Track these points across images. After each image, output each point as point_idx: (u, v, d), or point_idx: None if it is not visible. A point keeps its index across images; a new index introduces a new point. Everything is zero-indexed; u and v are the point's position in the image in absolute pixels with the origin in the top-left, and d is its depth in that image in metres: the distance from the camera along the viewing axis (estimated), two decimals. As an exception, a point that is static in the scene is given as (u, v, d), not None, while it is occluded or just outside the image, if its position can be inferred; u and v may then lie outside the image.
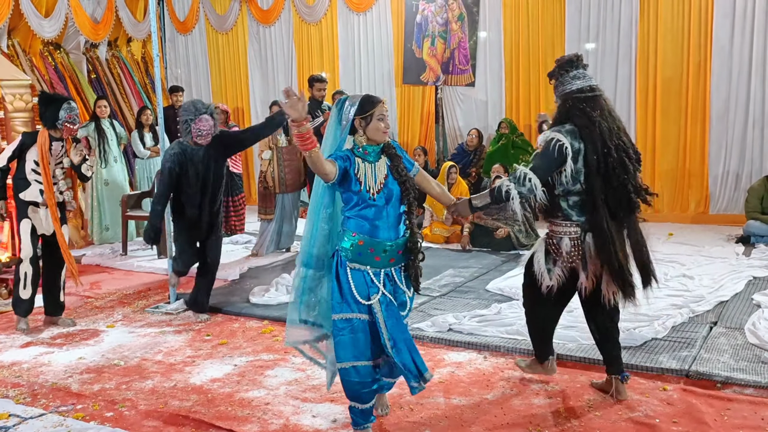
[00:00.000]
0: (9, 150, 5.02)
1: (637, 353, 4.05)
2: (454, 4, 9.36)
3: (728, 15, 7.92)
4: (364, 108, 3.05)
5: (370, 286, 3.06)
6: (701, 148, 8.25)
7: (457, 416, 3.42)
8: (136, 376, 4.10)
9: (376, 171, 3.09)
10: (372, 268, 3.07)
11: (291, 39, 10.54)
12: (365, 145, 3.09)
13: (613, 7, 8.48)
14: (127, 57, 10.72)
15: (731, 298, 5.11)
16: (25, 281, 4.95)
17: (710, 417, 3.28)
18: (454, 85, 9.55)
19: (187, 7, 11.18)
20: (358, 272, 3.06)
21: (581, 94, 3.36)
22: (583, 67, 3.44)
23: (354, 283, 3.05)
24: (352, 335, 3.06)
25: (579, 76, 3.40)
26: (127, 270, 6.94)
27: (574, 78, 3.40)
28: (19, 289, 4.97)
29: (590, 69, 9.31)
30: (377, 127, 3.06)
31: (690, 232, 7.62)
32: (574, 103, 3.36)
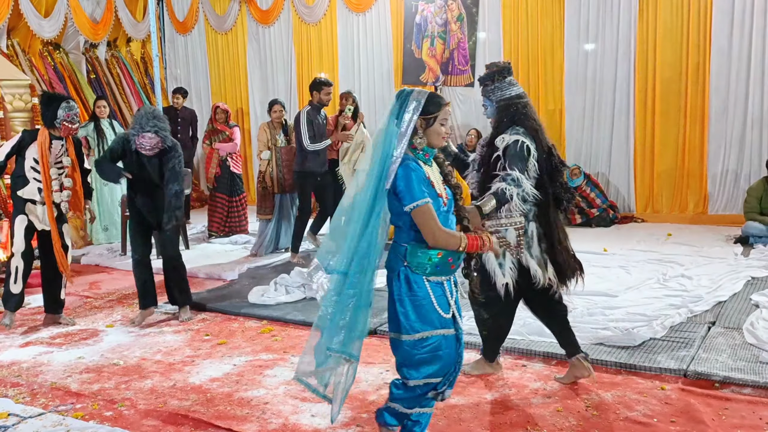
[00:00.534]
0: (8, 146, 5.02)
1: (636, 353, 4.05)
2: (453, 5, 9.37)
3: (727, 15, 7.93)
4: (429, 109, 2.78)
5: (446, 297, 2.84)
6: (700, 148, 8.26)
7: (455, 416, 3.43)
8: (136, 375, 4.11)
9: (437, 176, 2.87)
10: (446, 277, 2.84)
11: (290, 39, 10.55)
12: (425, 148, 2.83)
13: (612, 7, 8.49)
14: (127, 57, 10.75)
15: (729, 298, 5.12)
16: (16, 275, 4.99)
17: (708, 416, 3.29)
18: (453, 85, 9.56)
19: (187, 7, 11.19)
20: (437, 285, 2.81)
21: (521, 100, 3.65)
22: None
23: (435, 297, 2.79)
24: (431, 354, 2.79)
25: (514, 82, 3.70)
26: (127, 270, 6.89)
27: (511, 84, 3.69)
28: (9, 283, 5.01)
29: (590, 70, 9.38)
30: (438, 132, 2.80)
31: (689, 233, 7.62)
32: (518, 108, 3.62)
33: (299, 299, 5.50)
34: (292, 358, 4.28)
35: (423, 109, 2.76)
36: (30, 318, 5.36)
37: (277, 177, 7.10)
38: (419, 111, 2.76)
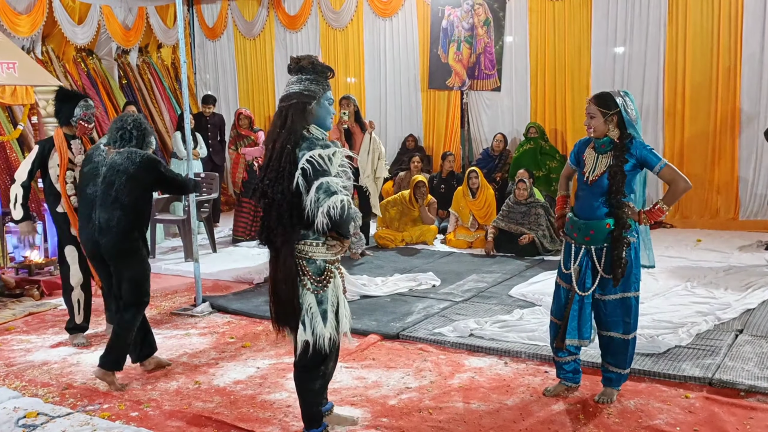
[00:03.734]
0: (28, 163, 4.69)
1: (660, 360, 4.01)
2: (480, 9, 9.36)
3: (759, 18, 7.80)
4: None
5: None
6: (731, 153, 8.13)
7: (475, 421, 3.43)
8: (162, 376, 4.18)
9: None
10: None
11: (317, 44, 10.63)
12: None
13: (641, 11, 8.41)
14: (158, 63, 10.93)
15: (758, 305, 5.03)
16: (79, 308, 4.84)
17: (732, 426, 3.25)
18: (479, 90, 9.55)
19: (216, 13, 11.36)
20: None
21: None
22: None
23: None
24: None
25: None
26: (155, 273, 6.95)
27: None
28: (74, 316, 4.84)
29: (617, 73, 9.29)
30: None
31: (719, 239, 7.51)
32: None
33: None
34: (314, 361, 4.32)
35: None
36: (61, 319, 5.47)
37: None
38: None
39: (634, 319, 3.55)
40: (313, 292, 2.97)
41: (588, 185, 3.52)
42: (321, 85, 3.01)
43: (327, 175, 2.85)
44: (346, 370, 4.14)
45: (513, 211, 7.32)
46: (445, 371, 4.09)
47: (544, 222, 7.18)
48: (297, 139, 2.89)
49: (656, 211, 3.43)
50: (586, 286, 3.51)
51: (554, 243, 7.15)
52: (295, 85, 3.00)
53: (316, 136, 2.95)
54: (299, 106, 2.95)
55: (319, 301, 2.98)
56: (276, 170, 2.88)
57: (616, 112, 3.43)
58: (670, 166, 3.41)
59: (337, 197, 2.82)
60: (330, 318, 2.99)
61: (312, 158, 2.83)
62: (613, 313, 3.53)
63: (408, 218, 7.97)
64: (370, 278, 6.09)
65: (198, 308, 5.53)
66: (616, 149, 3.45)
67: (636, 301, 3.53)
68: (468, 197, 7.76)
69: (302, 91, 2.97)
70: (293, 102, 2.96)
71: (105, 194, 3.98)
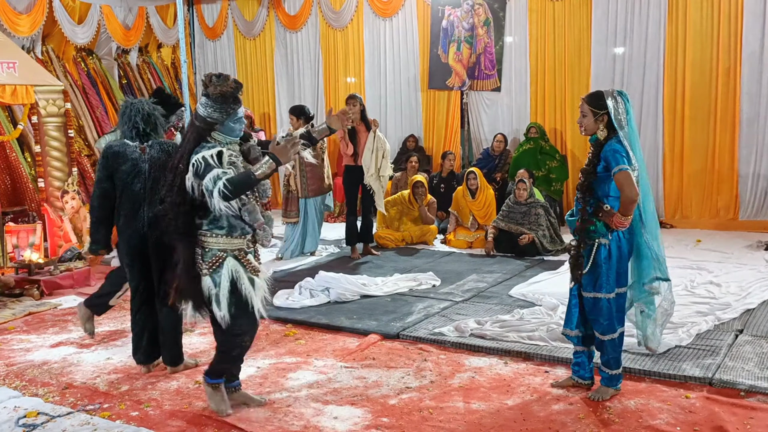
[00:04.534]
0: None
1: (660, 360, 4.01)
2: (480, 9, 9.36)
3: (759, 17, 7.80)
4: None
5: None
6: (731, 153, 8.13)
7: (476, 421, 3.43)
8: (162, 376, 4.18)
9: None
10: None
11: (318, 44, 10.63)
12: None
13: (640, 10, 8.41)
14: (158, 62, 10.94)
15: (759, 305, 5.04)
16: (122, 295, 4.81)
17: (733, 426, 3.25)
18: (479, 90, 9.55)
19: (216, 13, 11.36)
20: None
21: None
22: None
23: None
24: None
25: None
26: (155, 272, 7.05)
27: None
28: (112, 294, 4.78)
29: (617, 73, 9.31)
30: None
31: (719, 239, 7.52)
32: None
33: (324, 303, 5.54)
34: (315, 361, 4.32)
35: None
36: (61, 318, 5.48)
37: (300, 182, 7.18)
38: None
39: (608, 321, 3.53)
40: (209, 276, 3.31)
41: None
42: (226, 112, 3.27)
43: (207, 169, 3.17)
44: (347, 370, 4.14)
45: (513, 211, 7.33)
46: (446, 371, 4.09)
47: (544, 222, 7.18)
48: (188, 157, 3.25)
49: (615, 217, 3.42)
50: (573, 278, 3.62)
51: (554, 243, 7.15)
52: (202, 108, 3.28)
53: (217, 141, 3.30)
54: (200, 129, 3.29)
55: (215, 283, 3.30)
56: (170, 182, 3.30)
57: (606, 112, 3.44)
58: (624, 173, 3.34)
59: (219, 183, 3.12)
60: (223, 300, 3.29)
61: (196, 161, 3.18)
62: (590, 312, 3.60)
63: (408, 218, 7.98)
64: (370, 278, 6.09)
65: (198, 308, 5.51)
66: (595, 148, 3.49)
67: (608, 303, 3.52)
68: (467, 197, 7.77)
69: (206, 117, 3.27)
70: (197, 125, 3.29)
71: (153, 190, 4.03)
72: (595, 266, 3.48)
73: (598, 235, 3.46)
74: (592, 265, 3.48)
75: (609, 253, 3.49)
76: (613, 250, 3.49)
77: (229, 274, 3.30)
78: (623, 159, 3.38)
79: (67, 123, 7.45)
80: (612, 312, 3.55)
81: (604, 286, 3.50)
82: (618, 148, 3.40)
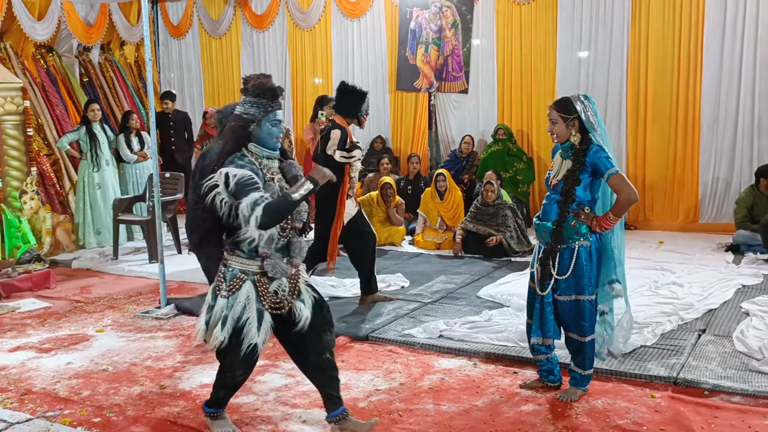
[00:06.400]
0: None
1: (626, 360, 4.06)
2: (447, 12, 9.40)
3: (719, 25, 7.98)
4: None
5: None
6: (691, 156, 8.30)
7: (446, 422, 3.42)
8: (125, 381, 4.08)
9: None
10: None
11: (285, 44, 10.55)
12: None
13: (605, 15, 8.53)
14: (120, 60, 10.72)
15: (720, 305, 5.14)
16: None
17: (698, 425, 3.30)
18: (447, 91, 9.58)
19: (181, 11, 11.19)
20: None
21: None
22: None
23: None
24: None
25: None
26: (118, 274, 6.93)
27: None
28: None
29: (582, 77, 9.44)
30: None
31: (681, 240, 7.66)
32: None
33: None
34: (283, 364, 4.27)
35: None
36: (20, 322, 5.32)
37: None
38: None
39: (589, 322, 3.57)
40: (224, 297, 3.08)
41: (551, 189, 3.57)
42: (263, 108, 3.07)
43: (238, 193, 2.94)
44: (315, 373, 4.10)
45: (481, 213, 7.36)
46: (415, 373, 4.08)
47: (511, 223, 7.23)
48: (223, 160, 3.03)
49: (605, 219, 3.46)
50: (544, 286, 3.55)
51: (521, 244, 7.21)
52: (239, 106, 3.12)
53: (254, 153, 3.08)
54: (236, 128, 3.07)
55: (228, 306, 3.08)
56: (199, 188, 3.09)
57: (576, 117, 3.47)
58: (618, 175, 3.40)
59: (257, 210, 2.91)
60: (228, 324, 3.07)
61: (228, 176, 2.96)
62: (568, 315, 3.58)
63: (376, 219, 7.95)
64: (338, 279, 6.05)
65: (163, 310, 5.43)
66: (575, 154, 3.48)
67: (590, 304, 3.55)
68: (436, 199, 7.78)
69: (242, 114, 3.07)
70: (231, 124, 3.10)
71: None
72: (578, 269, 3.48)
73: (580, 238, 3.48)
74: (574, 268, 3.48)
75: (590, 255, 3.51)
76: (593, 251, 3.52)
77: (243, 301, 3.07)
78: (611, 162, 3.42)
79: (26, 121, 7.26)
80: (593, 313, 3.58)
81: (586, 287, 3.51)
82: (603, 152, 3.43)
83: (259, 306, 3.08)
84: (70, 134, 8.12)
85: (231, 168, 2.97)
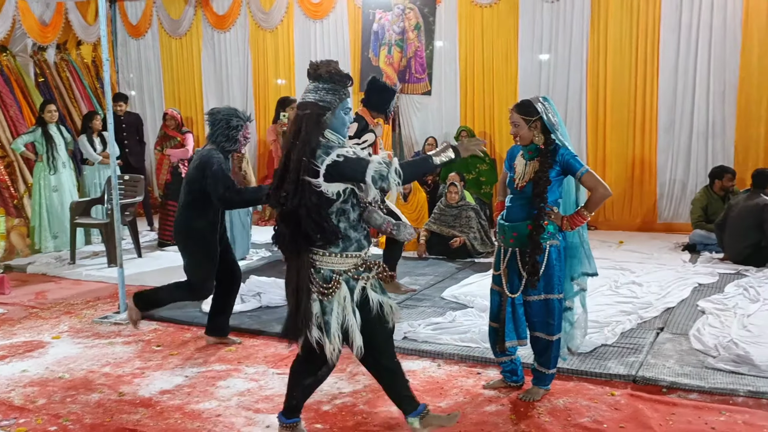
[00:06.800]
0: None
1: (587, 359, 4.12)
2: (410, 14, 9.43)
3: (674, 31, 8.17)
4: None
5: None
6: (649, 159, 8.48)
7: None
8: (82, 388, 3.99)
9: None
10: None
11: (247, 45, 10.45)
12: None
13: (565, 19, 8.66)
14: (77, 60, 10.48)
15: (678, 304, 5.25)
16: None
17: (656, 422, 3.36)
18: (410, 93, 9.60)
19: (140, 11, 11.00)
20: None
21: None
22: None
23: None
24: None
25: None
26: (75, 279, 6.77)
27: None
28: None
29: (543, 79, 9.55)
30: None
31: (640, 240, 7.82)
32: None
33: (255, 308, 5.43)
34: (246, 368, 4.22)
35: None
36: (-29, 329, 5.17)
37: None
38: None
39: (558, 320, 3.62)
40: (318, 301, 2.95)
41: (517, 191, 3.59)
42: (338, 94, 2.97)
43: (357, 163, 2.84)
44: (278, 376, 4.07)
45: (444, 214, 7.39)
46: (379, 375, 4.06)
47: (475, 224, 7.28)
48: (313, 148, 2.86)
49: (577, 217, 3.51)
50: (514, 288, 3.57)
51: (485, 245, 7.26)
52: (311, 94, 2.96)
53: (331, 141, 2.93)
54: (313, 116, 2.91)
55: (324, 310, 2.95)
56: (294, 182, 2.85)
57: (538, 118, 3.51)
58: (591, 173, 3.48)
59: (391, 172, 2.85)
60: (333, 329, 2.94)
61: (332, 160, 2.81)
62: (537, 314, 3.60)
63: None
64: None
65: (122, 315, 5.32)
66: (541, 155, 3.52)
67: (560, 303, 3.60)
68: (399, 200, 7.79)
69: (317, 101, 2.93)
70: (307, 112, 2.93)
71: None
72: (548, 268, 3.51)
73: (550, 238, 3.51)
74: (545, 267, 3.50)
75: (559, 254, 3.55)
76: (561, 250, 3.56)
77: (342, 303, 2.95)
78: (579, 161, 3.49)
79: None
80: (561, 311, 3.63)
81: (555, 286, 3.54)
82: (571, 153, 3.49)
83: (353, 306, 2.98)
84: (26, 136, 7.92)
85: (339, 150, 2.86)
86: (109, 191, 7.06)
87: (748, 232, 6.43)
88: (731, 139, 8.08)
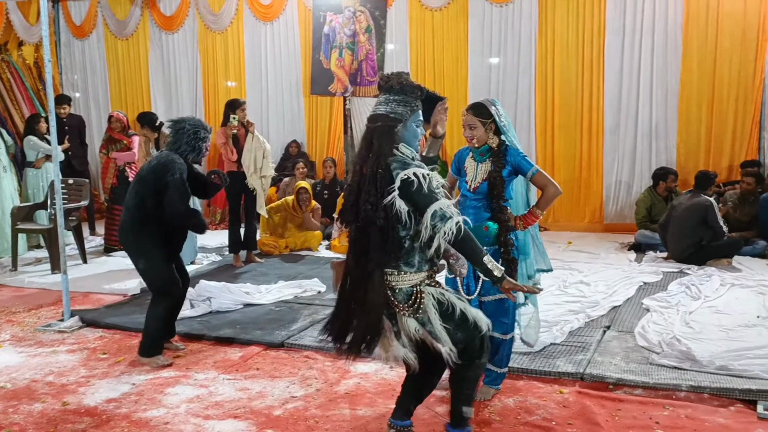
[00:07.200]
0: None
1: (537, 358, 4.18)
2: (361, 16, 9.44)
3: (619, 35, 8.40)
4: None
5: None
6: (596, 160, 8.68)
7: (362, 427, 3.42)
8: (25, 398, 3.86)
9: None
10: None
11: (195, 47, 10.30)
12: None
13: (513, 23, 8.80)
14: (18, 61, 10.17)
15: (624, 302, 5.38)
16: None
17: (603, 418, 3.43)
18: (362, 96, 9.61)
19: (85, 11, 10.74)
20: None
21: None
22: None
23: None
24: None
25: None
26: (17, 286, 6.54)
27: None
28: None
29: (493, 83, 9.67)
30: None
31: (587, 240, 7.99)
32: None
33: (205, 313, 5.35)
34: (195, 374, 4.15)
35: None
36: None
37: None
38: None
39: (512, 320, 3.69)
40: (412, 317, 2.89)
41: (471, 192, 3.63)
42: (409, 106, 2.93)
43: (427, 196, 2.77)
44: (228, 382, 4.01)
45: (396, 217, 7.40)
46: (332, 378, 4.05)
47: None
48: (386, 161, 2.83)
49: (530, 215, 3.58)
50: (471, 290, 3.60)
51: (436, 247, 7.29)
52: (383, 106, 2.93)
53: (406, 155, 2.89)
54: (384, 129, 2.88)
55: (422, 322, 2.89)
56: (374, 195, 2.80)
57: (492, 120, 3.56)
58: (541, 173, 3.56)
59: (452, 222, 2.75)
60: (441, 334, 2.88)
61: (407, 176, 2.76)
62: (493, 314, 3.61)
63: (292, 224, 7.88)
64: (254, 286, 5.94)
65: (66, 323, 5.16)
66: (493, 156, 3.57)
67: (513, 302, 3.66)
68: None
69: (388, 113, 2.89)
70: (378, 125, 2.89)
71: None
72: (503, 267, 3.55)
73: (510, 237, 3.56)
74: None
75: (516, 253, 3.60)
76: (519, 248, 3.62)
77: (434, 306, 2.90)
78: (529, 162, 3.56)
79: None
80: (514, 310, 3.69)
81: None
82: (521, 153, 3.56)
83: (440, 297, 2.95)
84: None
85: (416, 170, 2.78)
86: (53, 195, 6.86)
87: (690, 232, 6.63)
88: (674, 140, 8.34)
